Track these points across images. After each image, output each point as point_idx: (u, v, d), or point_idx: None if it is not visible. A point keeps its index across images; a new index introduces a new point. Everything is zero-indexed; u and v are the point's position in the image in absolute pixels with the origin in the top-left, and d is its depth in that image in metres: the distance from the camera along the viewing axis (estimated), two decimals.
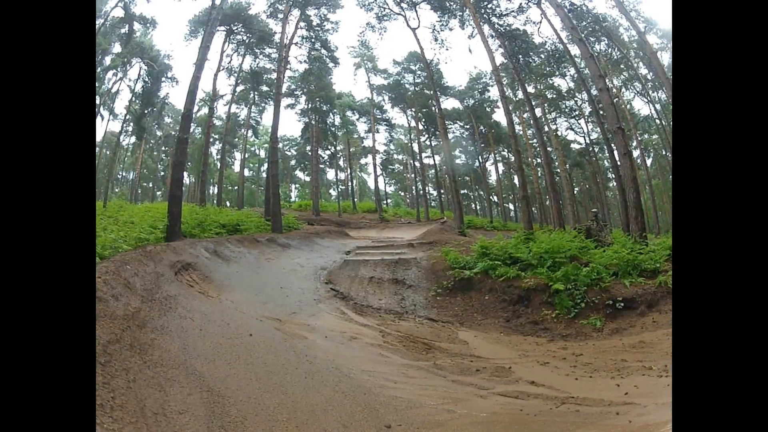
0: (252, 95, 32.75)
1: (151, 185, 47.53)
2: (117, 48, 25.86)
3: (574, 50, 22.11)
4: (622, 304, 8.11)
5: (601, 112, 20.65)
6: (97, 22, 22.97)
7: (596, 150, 34.83)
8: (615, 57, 28.31)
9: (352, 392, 5.02)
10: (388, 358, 6.46)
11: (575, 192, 38.66)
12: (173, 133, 35.96)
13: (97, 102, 25.23)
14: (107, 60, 25.58)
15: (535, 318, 8.44)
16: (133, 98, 27.14)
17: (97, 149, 33.47)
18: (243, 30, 27.64)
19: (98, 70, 25.20)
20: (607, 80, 18.15)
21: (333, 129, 37.35)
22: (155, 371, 4.29)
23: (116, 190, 40.96)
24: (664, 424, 3.50)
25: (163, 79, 27.83)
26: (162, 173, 44.38)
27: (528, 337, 7.90)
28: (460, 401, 5.00)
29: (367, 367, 5.90)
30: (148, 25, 25.95)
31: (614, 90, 27.51)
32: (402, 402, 4.90)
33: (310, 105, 34.42)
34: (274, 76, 27.38)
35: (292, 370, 5.38)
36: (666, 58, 27.73)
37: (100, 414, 3.28)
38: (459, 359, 6.55)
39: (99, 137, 32.02)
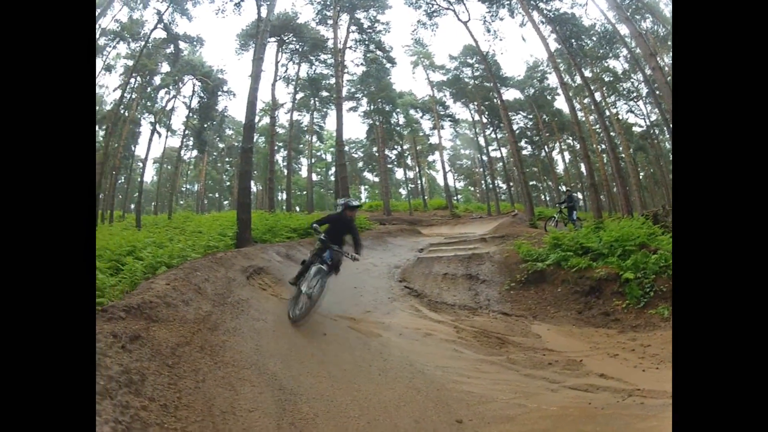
0: (312, 101, 33.34)
1: (217, 195, 49.22)
2: (166, 67, 27.01)
3: (623, 29, 21.67)
4: None
5: (657, 92, 19.76)
6: (138, 45, 24.60)
7: (657, 132, 33.21)
8: (661, 34, 26.99)
9: (425, 388, 5.13)
10: (461, 353, 6.49)
11: (641, 177, 36.93)
12: (236, 144, 37.12)
13: (153, 120, 26.82)
14: (157, 80, 26.87)
15: (606, 309, 8.24)
16: (190, 114, 28.29)
17: (158, 165, 35.84)
18: (294, 39, 28.15)
19: (148, 90, 26.92)
20: (658, 58, 17.32)
21: (397, 128, 37.22)
22: (226, 371, 4.39)
23: (181, 203, 42.68)
24: None
25: (219, 93, 28.86)
26: (227, 183, 45.86)
27: (599, 328, 7.73)
28: (532, 395, 5.01)
29: (441, 363, 5.97)
30: (195, 43, 26.88)
31: (666, 68, 26.20)
32: (474, 397, 4.96)
33: (372, 106, 34.58)
34: (332, 81, 27.79)
35: (365, 368, 5.52)
36: None
37: (163, 414, 3.33)
38: (532, 353, 6.53)
39: (158, 153, 34.56)
